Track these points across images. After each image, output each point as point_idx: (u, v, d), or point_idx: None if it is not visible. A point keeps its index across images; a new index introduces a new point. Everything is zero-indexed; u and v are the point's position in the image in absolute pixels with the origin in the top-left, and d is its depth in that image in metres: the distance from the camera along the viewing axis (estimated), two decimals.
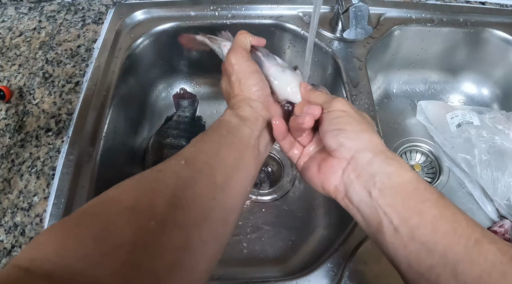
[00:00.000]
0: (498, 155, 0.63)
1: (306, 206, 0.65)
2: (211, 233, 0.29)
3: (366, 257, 0.45)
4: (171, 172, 0.30)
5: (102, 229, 0.24)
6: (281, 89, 0.39)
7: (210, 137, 0.34)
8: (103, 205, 0.26)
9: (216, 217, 0.29)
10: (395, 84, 0.79)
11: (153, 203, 0.26)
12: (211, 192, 0.30)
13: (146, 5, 0.68)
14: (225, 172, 0.32)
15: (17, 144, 0.53)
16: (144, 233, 0.24)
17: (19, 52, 0.64)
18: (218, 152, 0.33)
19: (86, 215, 0.25)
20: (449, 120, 0.69)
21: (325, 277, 0.44)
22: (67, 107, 0.57)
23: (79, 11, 0.70)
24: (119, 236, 0.23)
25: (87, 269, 0.21)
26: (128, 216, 0.25)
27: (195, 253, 0.27)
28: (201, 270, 0.27)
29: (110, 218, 0.25)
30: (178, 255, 0.25)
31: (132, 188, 0.28)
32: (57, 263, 0.21)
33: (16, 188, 0.50)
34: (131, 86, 0.66)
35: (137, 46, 0.65)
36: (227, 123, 0.35)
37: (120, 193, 0.27)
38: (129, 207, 0.26)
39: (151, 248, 0.24)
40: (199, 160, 0.31)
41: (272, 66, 0.40)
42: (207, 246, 0.28)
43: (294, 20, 0.68)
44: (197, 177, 0.30)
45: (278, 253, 0.60)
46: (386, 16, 0.69)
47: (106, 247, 0.23)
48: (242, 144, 0.35)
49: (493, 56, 0.73)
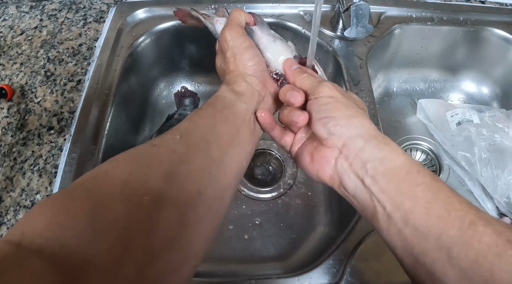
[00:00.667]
0: (498, 153, 0.64)
1: (307, 204, 0.65)
2: (207, 209, 0.28)
3: (368, 254, 0.46)
4: (166, 147, 0.29)
5: (95, 204, 0.23)
6: (271, 59, 0.39)
7: (205, 112, 0.34)
8: (96, 179, 0.26)
9: (211, 193, 0.29)
10: (395, 83, 0.79)
11: (148, 178, 0.26)
12: (207, 167, 0.29)
13: (148, 4, 0.68)
14: (220, 147, 0.31)
15: (19, 142, 0.54)
16: (137, 209, 0.24)
17: (20, 51, 0.64)
18: (213, 127, 0.32)
19: (79, 190, 0.25)
20: (449, 119, 0.70)
21: (327, 274, 0.45)
22: (69, 106, 0.57)
23: (80, 9, 0.70)
24: (112, 212, 0.23)
25: (79, 246, 0.21)
26: (122, 191, 0.24)
27: (190, 230, 0.26)
28: (196, 247, 0.27)
29: (103, 193, 0.24)
30: (172, 231, 0.25)
31: (127, 161, 0.27)
32: (49, 238, 0.21)
33: (19, 186, 0.50)
34: (133, 84, 0.66)
35: (138, 44, 0.65)
36: (223, 98, 0.35)
37: (113, 167, 0.26)
38: (123, 182, 0.25)
39: (145, 224, 0.24)
40: (194, 134, 0.31)
41: (263, 36, 0.40)
42: (202, 223, 0.28)
43: (295, 19, 0.68)
44: (193, 152, 0.29)
45: (279, 250, 0.60)
46: (387, 14, 0.69)
47: (99, 223, 0.22)
48: (238, 119, 0.34)
49: (493, 55, 0.73)
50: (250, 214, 0.64)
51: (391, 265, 0.45)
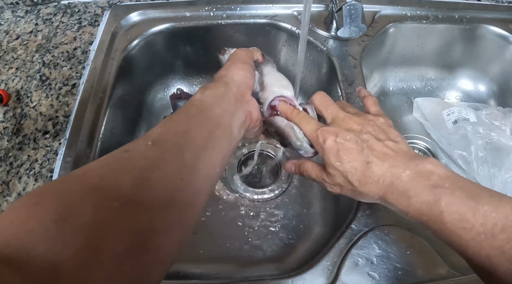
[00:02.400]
0: (495, 151, 0.63)
1: (302, 205, 0.66)
2: (177, 215, 0.28)
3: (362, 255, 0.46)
4: (137, 153, 0.29)
5: (63, 208, 0.23)
6: (272, 82, 0.41)
7: (179, 117, 0.34)
8: (66, 182, 0.26)
9: (183, 198, 0.29)
10: (391, 82, 0.79)
11: (118, 183, 0.26)
12: (178, 172, 0.29)
13: (142, 7, 0.69)
14: (193, 151, 0.31)
15: (15, 147, 0.54)
16: (106, 214, 0.24)
17: (16, 56, 0.64)
18: (187, 131, 0.32)
19: (48, 193, 0.24)
20: (445, 117, 0.69)
21: (321, 275, 0.45)
22: (64, 110, 0.57)
23: (75, 13, 0.70)
24: (81, 217, 0.23)
25: (48, 251, 0.21)
26: (91, 196, 0.24)
27: (159, 235, 0.26)
28: (166, 252, 0.27)
29: (72, 197, 0.24)
30: (141, 237, 0.25)
31: (98, 166, 0.27)
32: (17, 247, 0.21)
33: (15, 191, 0.50)
34: (128, 87, 0.66)
35: (133, 47, 0.66)
36: (198, 102, 0.35)
37: (85, 172, 0.27)
38: (93, 187, 0.25)
39: (113, 229, 0.24)
40: (167, 140, 0.31)
41: (269, 66, 0.43)
42: (173, 228, 0.28)
43: (289, 19, 0.68)
44: (164, 157, 0.29)
45: (275, 252, 0.61)
46: (381, 13, 0.69)
47: (67, 228, 0.22)
48: (213, 123, 0.34)
49: (489, 52, 0.73)
50: (246, 215, 0.64)
51: (385, 266, 0.45)
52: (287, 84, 0.42)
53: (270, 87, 0.41)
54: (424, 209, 0.33)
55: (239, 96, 0.38)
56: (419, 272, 0.44)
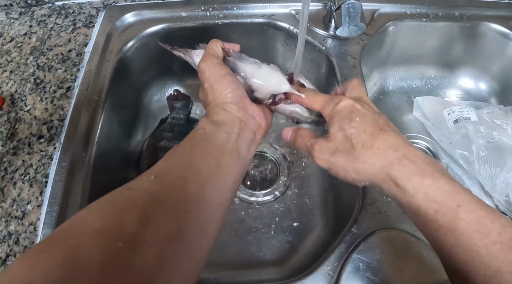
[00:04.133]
0: (497, 150, 0.63)
1: (303, 207, 0.65)
2: (186, 247, 0.28)
3: (363, 259, 0.45)
4: (140, 189, 0.29)
5: (69, 252, 0.24)
6: (262, 84, 0.39)
7: (183, 148, 0.33)
8: (72, 227, 0.26)
9: (190, 230, 0.28)
10: (391, 81, 0.78)
11: (121, 222, 0.26)
12: (183, 205, 0.29)
13: (137, 7, 0.68)
14: (199, 182, 0.31)
15: (10, 152, 0.53)
16: (112, 254, 0.24)
17: (10, 58, 0.63)
18: (191, 163, 0.32)
19: (55, 240, 0.25)
20: (446, 116, 0.69)
21: (321, 280, 0.44)
22: (58, 113, 0.56)
23: (69, 14, 0.69)
24: (87, 259, 0.23)
25: None
26: (96, 238, 0.25)
27: (167, 269, 0.26)
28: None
29: (78, 241, 0.24)
30: (148, 273, 0.25)
31: (101, 208, 0.28)
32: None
33: (10, 196, 0.50)
34: (124, 89, 0.65)
35: (128, 49, 0.65)
36: (201, 130, 0.35)
37: (88, 215, 0.27)
38: (97, 229, 0.25)
39: (120, 269, 0.24)
40: (171, 173, 0.31)
41: (247, 66, 0.40)
42: (182, 261, 0.27)
43: (286, 18, 0.67)
44: (168, 192, 0.29)
45: (275, 255, 0.60)
46: (380, 12, 0.68)
47: (74, 271, 0.22)
48: (218, 150, 0.33)
49: (490, 50, 0.72)
50: (245, 218, 0.64)
51: (388, 270, 0.44)
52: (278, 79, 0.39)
53: (262, 90, 0.39)
54: (439, 196, 0.29)
55: (242, 115, 0.36)
56: (421, 276, 0.44)
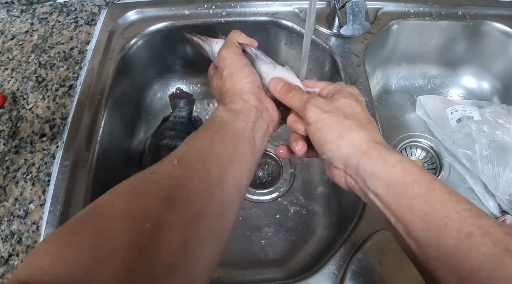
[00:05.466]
0: (499, 149, 0.63)
1: (306, 205, 0.65)
2: (209, 229, 0.28)
3: (368, 258, 0.45)
4: (164, 173, 0.29)
5: (96, 235, 0.24)
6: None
7: (202, 135, 0.34)
8: (97, 211, 0.26)
9: (213, 213, 0.29)
10: (394, 80, 0.78)
11: (147, 205, 0.26)
12: (206, 187, 0.29)
13: (139, 5, 0.67)
14: (219, 166, 0.31)
15: (12, 150, 0.53)
16: (139, 236, 0.24)
17: (11, 56, 0.63)
18: (211, 148, 0.32)
19: (80, 223, 0.25)
20: (449, 115, 0.68)
21: (326, 280, 0.44)
22: (61, 112, 0.56)
23: (71, 12, 0.69)
24: (114, 241, 0.23)
25: (84, 277, 0.21)
26: (122, 220, 0.25)
27: (193, 251, 0.26)
28: (201, 268, 0.27)
29: (104, 223, 0.25)
30: (175, 255, 0.25)
31: (125, 191, 0.28)
32: (55, 274, 0.21)
33: (12, 196, 0.49)
34: (126, 87, 0.65)
35: (130, 47, 0.64)
36: (220, 118, 0.35)
37: (113, 198, 0.27)
38: (123, 211, 0.25)
39: (147, 250, 0.24)
40: (191, 157, 0.31)
41: (263, 64, 0.40)
42: (206, 243, 0.28)
43: (290, 16, 0.67)
44: (191, 175, 0.30)
45: (278, 254, 0.60)
46: (384, 10, 0.68)
47: (102, 253, 0.23)
48: (236, 137, 0.34)
49: (493, 49, 0.72)
50: (248, 217, 0.63)
51: (392, 269, 0.44)
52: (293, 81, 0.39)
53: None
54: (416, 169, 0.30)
55: (258, 105, 0.37)
56: None
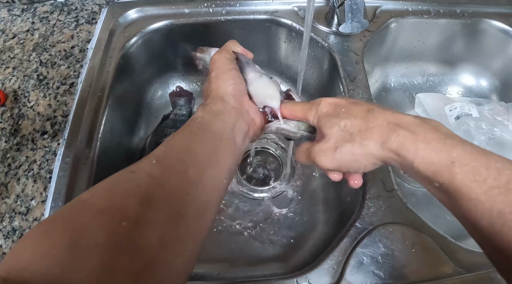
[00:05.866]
0: (498, 146, 0.63)
1: (305, 203, 0.65)
2: (187, 229, 0.29)
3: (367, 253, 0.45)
4: (143, 172, 0.30)
5: (74, 232, 0.24)
6: (257, 93, 0.40)
7: (181, 135, 0.35)
8: (75, 208, 0.26)
9: (191, 213, 0.29)
10: (392, 77, 0.78)
11: (125, 203, 0.26)
12: (184, 188, 0.30)
13: (140, 4, 0.68)
14: (198, 166, 0.32)
15: (13, 148, 0.53)
16: (116, 234, 0.24)
17: (13, 55, 0.63)
18: (190, 148, 0.33)
19: (58, 219, 0.25)
20: (447, 113, 0.69)
21: (326, 275, 0.44)
22: (62, 109, 0.56)
23: (72, 11, 0.69)
24: (91, 238, 0.24)
25: (62, 274, 0.22)
26: (100, 218, 0.25)
27: (170, 250, 0.27)
28: (179, 266, 0.27)
29: (82, 221, 0.25)
30: (153, 253, 0.25)
31: (104, 190, 0.28)
32: (33, 270, 0.22)
33: (14, 192, 0.50)
34: (126, 86, 0.65)
35: (131, 45, 0.65)
36: (199, 119, 0.36)
37: (91, 196, 0.27)
38: (101, 209, 0.26)
39: (125, 248, 0.24)
40: (171, 157, 0.32)
41: (251, 71, 0.41)
42: (183, 242, 0.28)
43: (289, 15, 0.67)
44: (169, 174, 0.30)
45: (278, 251, 0.60)
46: (382, 8, 0.68)
47: (79, 250, 0.23)
48: (216, 138, 0.35)
49: (491, 47, 0.72)
50: (248, 214, 0.64)
51: (390, 264, 0.44)
52: (273, 92, 0.41)
53: (256, 98, 0.40)
54: (434, 157, 0.30)
55: (238, 107, 0.38)
56: (424, 270, 0.44)
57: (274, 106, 0.40)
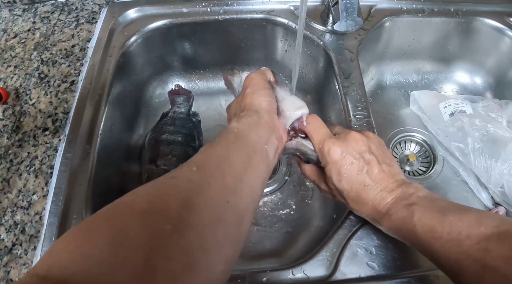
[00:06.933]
0: (491, 142, 0.64)
1: (301, 198, 0.66)
2: (226, 234, 0.29)
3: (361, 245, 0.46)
4: (183, 177, 0.30)
5: (116, 232, 0.24)
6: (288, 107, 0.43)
7: (218, 144, 0.35)
8: (116, 209, 0.27)
9: (229, 218, 0.30)
10: (388, 75, 0.79)
11: (167, 206, 0.27)
12: (223, 194, 0.30)
13: (139, 3, 0.69)
14: (235, 175, 0.32)
15: (15, 144, 0.54)
16: (159, 235, 0.25)
17: (14, 54, 0.65)
18: (227, 157, 0.34)
19: (99, 219, 0.26)
20: (442, 110, 0.70)
21: (320, 266, 0.45)
22: (63, 107, 0.57)
23: (72, 11, 0.70)
24: (134, 239, 0.24)
25: (104, 274, 0.22)
26: (142, 219, 0.25)
27: (210, 253, 0.27)
28: (218, 270, 0.28)
29: (124, 221, 0.25)
30: (193, 256, 0.26)
31: (146, 193, 0.29)
32: (74, 269, 0.21)
33: (15, 187, 0.51)
34: (126, 84, 0.66)
35: (130, 44, 0.66)
36: (235, 129, 0.37)
37: (133, 199, 0.28)
38: (143, 211, 0.26)
39: (167, 249, 0.24)
40: (209, 164, 0.32)
41: (281, 90, 0.44)
42: (222, 247, 0.28)
43: (285, 14, 0.68)
44: (209, 181, 0.31)
45: (275, 245, 0.61)
46: (377, 7, 0.69)
47: (122, 250, 0.23)
48: (250, 149, 0.36)
49: (485, 45, 0.73)
50: None
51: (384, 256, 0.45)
52: (302, 104, 0.43)
53: (287, 112, 0.43)
54: (401, 224, 0.37)
55: (271, 123, 0.40)
56: (417, 261, 0.45)
57: (305, 112, 0.42)
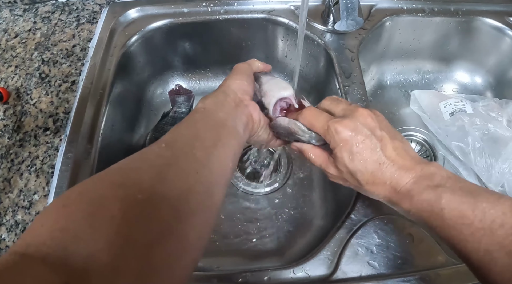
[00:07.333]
0: (492, 142, 0.64)
1: (303, 197, 0.66)
2: (197, 204, 0.30)
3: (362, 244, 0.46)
4: (153, 154, 0.32)
5: (90, 205, 0.25)
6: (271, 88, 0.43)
7: (186, 123, 0.37)
8: (91, 183, 0.27)
9: (200, 189, 0.31)
10: (388, 75, 0.79)
11: (140, 179, 0.28)
12: (193, 167, 0.31)
13: (140, 3, 0.69)
14: (204, 149, 0.33)
15: (16, 144, 0.54)
16: (132, 205, 0.25)
17: (15, 54, 0.65)
18: (195, 134, 0.35)
19: (74, 193, 0.26)
20: (442, 109, 0.70)
21: (322, 265, 0.45)
22: (64, 106, 0.58)
23: (73, 11, 0.70)
24: (108, 210, 0.24)
25: (81, 246, 0.22)
26: (116, 191, 0.26)
27: (183, 222, 0.28)
28: (193, 238, 0.28)
29: (98, 193, 0.26)
30: (167, 224, 0.26)
31: (118, 168, 0.30)
32: (52, 245, 0.22)
33: (17, 187, 0.51)
34: (127, 84, 0.66)
35: (131, 44, 0.66)
36: (202, 109, 0.38)
37: (106, 173, 0.29)
38: (117, 183, 0.27)
39: (141, 219, 0.25)
40: (178, 142, 0.33)
41: (265, 76, 0.45)
42: (195, 215, 0.29)
43: (286, 14, 0.68)
44: (179, 155, 0.32)
45: (275, 244, 0.61)
46: (378, 7, 0.69)
47: (97, 221, 0.24)
48: (218, 125, 0.37)
49: (485, 44, 0.73)
50: (247, 209, 0.65)
51: (385, 255, 0.45)
52: (286, 85, 0.43)
53: (270, 92, 0.43)
54: (426, 206, 0.34)
55: (238, 101, 0.40)
56: (418, 260, 0.45)
57: (289, 94, 0.42)
